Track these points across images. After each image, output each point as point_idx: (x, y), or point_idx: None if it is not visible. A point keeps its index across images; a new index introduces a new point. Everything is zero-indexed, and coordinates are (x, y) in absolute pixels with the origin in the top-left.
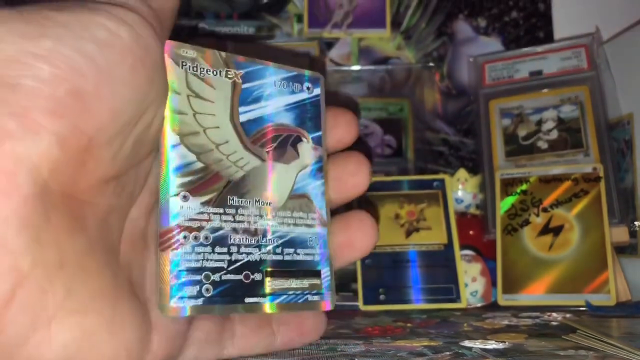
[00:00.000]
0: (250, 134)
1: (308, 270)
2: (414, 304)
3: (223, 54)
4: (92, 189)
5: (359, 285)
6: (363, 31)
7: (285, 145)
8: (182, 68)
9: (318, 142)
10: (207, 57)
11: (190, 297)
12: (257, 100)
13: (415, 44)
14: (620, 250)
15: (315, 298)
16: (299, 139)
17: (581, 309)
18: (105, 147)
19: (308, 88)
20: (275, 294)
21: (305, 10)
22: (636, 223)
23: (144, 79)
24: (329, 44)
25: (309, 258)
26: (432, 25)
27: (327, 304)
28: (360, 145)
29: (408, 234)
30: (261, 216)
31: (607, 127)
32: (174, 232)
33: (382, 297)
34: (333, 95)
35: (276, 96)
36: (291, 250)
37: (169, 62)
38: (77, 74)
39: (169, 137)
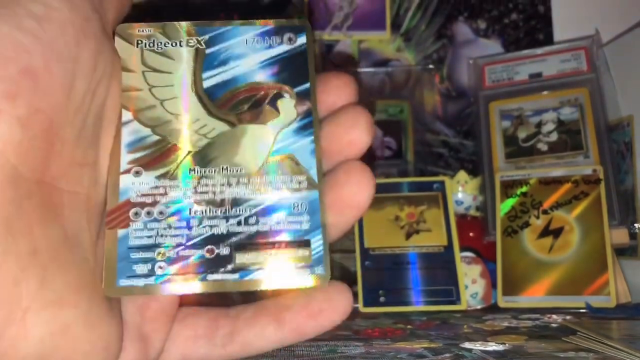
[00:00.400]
0: (217, 98)
1: (292, 241)
2: (414, 305)
3: (184, 23)
4: (66, 175)
5: (359, 287)
6: (363, 33)
7: (261, 104)
8: (137, 47)
9: (306, 95)
10: (165, 31)
11: (141, 276)
12: (225, 62)
13: (415, 46)
14: (620, 252)
15: (302, 272)
16: (279, 96)
17: (581, 310)
18: (67, 126)
19: (290, 39)
20: (247, 270)
21: (306, 12)
22: (636, 225)
23: (89, 50)
24: (329, 46)
25: (294, 227)
26: (432, 27)
27: (319, 279)
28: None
29: (408, 235)
30: (230, 185)
31: (607, 129)
32: (124, 210)
33: (382, 299)
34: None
35: (249, 54)
36: (269, 219)
37: (122, 43)
38: (23, 51)
39: (122, 115)
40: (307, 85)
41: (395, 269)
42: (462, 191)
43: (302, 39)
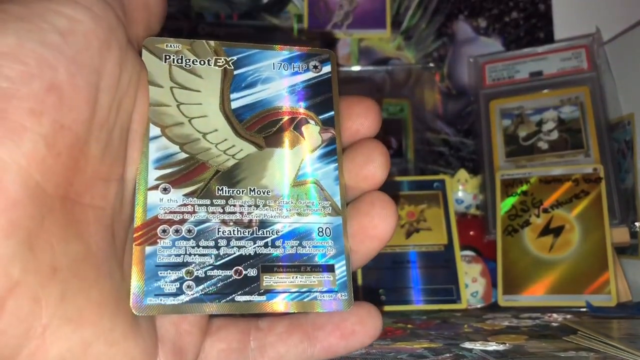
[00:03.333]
0: (245, 120)
1: (317, 265)
2: (414, 304)
3: (212, 42)
4: (91, 191)
5: (359, 286)
6: (363, 31)
7: (287, 129)
8: (165, 62)
9: (330, 123)
10: (193, 48)
11: (169, 295)
12: (252, 85)
13: (415, 44)
14: (621, 251)
15: (326, 297)
16: (304, 121)
17: (582, 309)
18: (93, 141)
19: (315, 67)
20: (273, 292)
21: (305, 10)
22: (637, 224)
23: (112, 61)
24: (329, 45)
25: (318, 251)
26: (432, 26)
27: (341, 304)
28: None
29: (408, 234)
30: (257, 206)
31: (607, 128)
32: (152, 226)
33: (382, 297)
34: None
35: (275, 79)
36: (295, 242)
37: (150, 57)
38: (48, 67)
39: (149, 129)
40: (332, 113)
41: (395, 267)
42: (462, 190)
43: (327, 68)
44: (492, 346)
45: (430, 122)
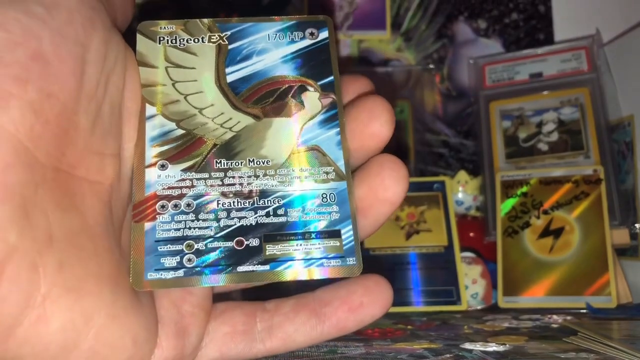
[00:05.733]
0: (241, 92)
1: (322, 232)
2: (415, 306)
3: (206, 20)
4: (85, 164)
5: None
6: (363, 33)
7: (285, 97)
8: (159, 43)
9: (330, 88)
10: (187, 28)
11: (169, 269)
12: (247, 57)
13: (415, 45)
14: (621, 252)
15: (334, 263)
16: (303, 89)
17: (582, 311)
18: (81, 112)
19: (312, 34)
20: (277, 261)
21: (305, 11)
22: (637, 225)
23: (97, 39)
24: None
25: (322, 217)
26: (432, 27)
27: (349, 270)
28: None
29: (408, 236)
30: (257, 176)
31: (607, 129)
32: (150, 202)
33: None
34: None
35: (271, 49)
36: (298, 210)
37: (144, 40)
38: (32, 36)
39: (146, 109)
40: (331, 78)
41: (395, 269)
42: (462, 191)
43: (324, 34)
44: (492, 347)
45: (430, 123)
